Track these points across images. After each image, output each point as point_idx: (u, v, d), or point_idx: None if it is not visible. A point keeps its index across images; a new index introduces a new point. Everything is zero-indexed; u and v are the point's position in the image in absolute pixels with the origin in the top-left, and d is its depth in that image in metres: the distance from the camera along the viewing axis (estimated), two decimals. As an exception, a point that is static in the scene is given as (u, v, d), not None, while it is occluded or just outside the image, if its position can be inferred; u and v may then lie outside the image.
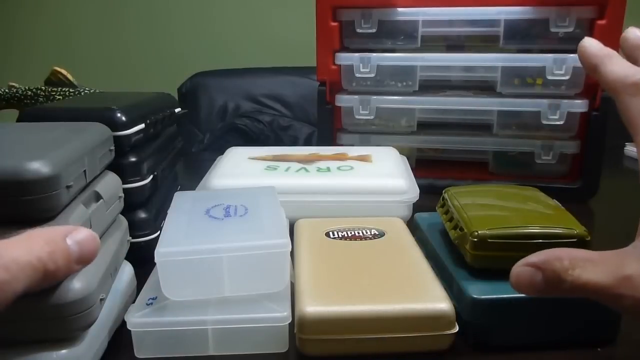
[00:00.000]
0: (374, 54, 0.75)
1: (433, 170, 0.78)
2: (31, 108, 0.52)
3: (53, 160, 0.32)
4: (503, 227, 0.42)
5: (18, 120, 0.50)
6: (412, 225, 0.56)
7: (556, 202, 0.49)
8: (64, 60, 1.64)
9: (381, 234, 0.50)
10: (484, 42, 0.77)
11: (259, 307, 0.39)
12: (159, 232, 0.53)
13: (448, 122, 0.79)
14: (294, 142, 1.43)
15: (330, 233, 0.50)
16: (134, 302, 0.41)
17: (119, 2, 1.79)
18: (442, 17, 0.74)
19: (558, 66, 0.70)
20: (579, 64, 0.68)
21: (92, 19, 1.81)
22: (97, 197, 0.40)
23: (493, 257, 0.42)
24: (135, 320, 0.38)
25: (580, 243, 0.42)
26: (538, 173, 0.76)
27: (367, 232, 0.50)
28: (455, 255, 0.46)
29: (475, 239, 0.42)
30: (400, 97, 0.77)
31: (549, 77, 0.71)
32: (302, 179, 0.61)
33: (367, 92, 0.77)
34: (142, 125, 0.52)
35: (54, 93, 0.73)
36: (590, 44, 0.31)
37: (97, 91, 0.73)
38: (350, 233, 0.50)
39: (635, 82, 0.27)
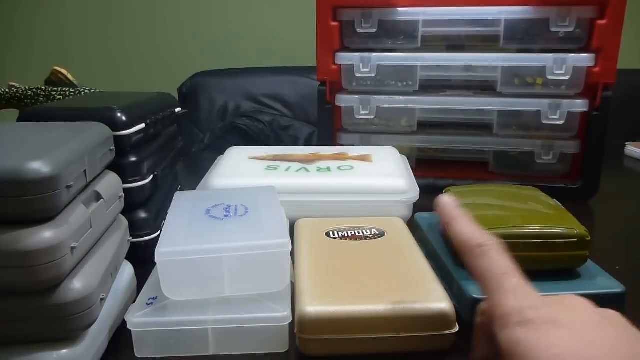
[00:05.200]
0: (374, 54, 0.75)
1: (433, 170, 0.78)
2: (31, 108, 0.52)
3: (53, 160, 0.32)
4: (503, 227, 0.42)
5: (18, 120, 0.50)
6: (412, 225, 0.56)
7: (556, 202, 0.49)
8: (64, 60, 1.64)
9: (381, 234, 0.50)
10: (484, 42, 0.77)
11: (259, 307, 0.39)
12: (159, 232, 0.53)
13: (448, 122, 0.79)
14: (294, 142, 1.43)
15: (330, 233, 0.50)
16: (134, 302, 0.41)
17: (119, 2, 1.79)
18: (442, 17, 0.74)
19: (558, 66, 0.70)
20: (579, 64, 0.69)
21: (92, 18, 1.81)
22: (98, 197, 0.40)
23: (493, 257, 0.42)
24: (136, 320, 0.38)
25: (580, 243, 0.42)
26: (538, 173, 0.76)
27: (367, 232, 0.50)
28: (455, 255, 0.46)
29: (476, 239, 0.42)
30: (401, 97, 0.77)
31: (549, 77, 0.71)
32: (302, 179, 0.61)
33: (367, 92, 0.77)
34: (142, 125, 0.52)
35: (54, 93, 0.73)
36: (445, 202, 0.34)
37: (97, 91, 0.73)
38: (350, 233, 0.50)
39: (478, 244, 0.30)
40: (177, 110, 0.64)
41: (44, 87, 0.74)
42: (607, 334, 0.26)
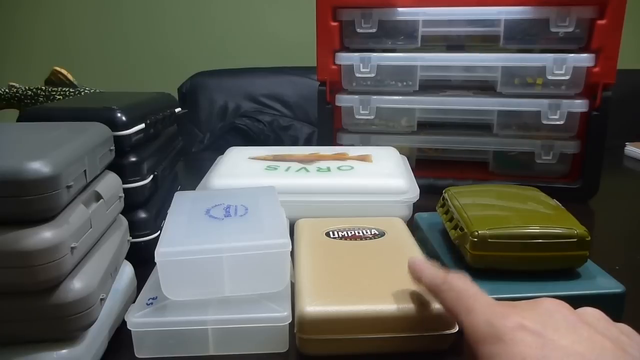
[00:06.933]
0: (374, 54, 0.75)
1: (433, 170, 0.78)
2: (31, 108, 0.52)
3: (53, 160, 0.32)
4: (503, 227, 0.42)
5: (18, 120, 0.50)
6: (412, 225, 0.56)
7: (556, 202, 0.49)
8: (64, 60, 1.64)
9: (381, 234, 0.50)
10: (484, 42, 0.77)
11: (259, 307, 0.39)
12: (159, 232, 0.53)
13: (448, 122, 0.79)
14: (294, 142, 1.43)
15: (330, 233, 0.50)
16: (134, 302, 0.41)
17: (119, 2, 1.79)
18: (442, 17, 0.74)
19: (558, 66, 0.70)
20: (579, 64, 0.69)
21: (92, 18, 1.81)
22: (97, 197, 0.40)
23: (493, 257, 0.42)
24: (136, 320, 0.38)
25: (580, 243, 0.42)
26: (538, 173, 0.76)
27: (367, 232, 0.50)
28: (455, 255, 0.46)
29: (476, 239, 0.42)
30: (401, 97, 0.77)
31: (549, 77, 0.71)
32: (302, 179, 0.61)
33: (367, 92, 0.77)
34: (142, 125, 0.52)
35: (54, 93, 0.73)
36: (413, 261, 0.38)
37: (97, 91, 0.73)
38: (350, 233, 0.50)
39: (444, 281, 0.33)
40: (177, 110, 0.64)
41: (44, 87, 0.74)
42: (581, 336, 0.26)
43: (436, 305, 0.38)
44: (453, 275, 0.33)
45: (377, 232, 0.50)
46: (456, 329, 0.38)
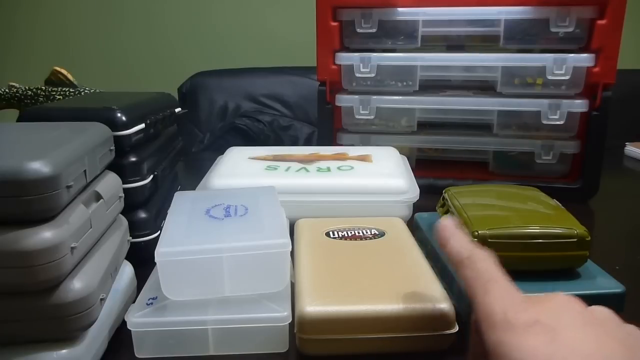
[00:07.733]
0: (374, 54, 0.75)
1: (433, 170, 0.78)
2: (31, 108, 0.52)
3: (53, 160, 0.32)
4: (503, 227, 0.42)
5: (18, 120, 0.50)
6: (412, 225, 0.56)
7: (556, 202, 0.49)
8: (64, 60, 1.64)
9: (381, 234, 0.50)
10: (484, 42, 0.77)
11: (259, 307, 0.39)
12: (159, 232, 0.53)
13: (448, 122, 0.79)
14: (294, 142, 1.43)
15: (330, 233, 0.50)
16: (134, 302, 0.41)
17: (119, 2, 1.79)
18: (442, 17, 0.74)
19: (558, 66, 0.70)
20: (579, 64, 0.69)
21: (92, 18, 1.81)
22: (97, 197, 0.40)
23: (493, 257, 0.42)
24: (136, 320, 0.38)
25: (580, 243, 0.42)
26: (538, 173, 0.76)
27: (367, 232, 0.50)
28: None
29: (476, 239, 0.42)
30: (401, 97, 0.77)
31: (549, 77, 0.71)
32: (302, 179, 0.61)
33: (367, 92, 0.77)
34: (142, 125, 0.52)
35: (54, 93, 0.73)
36: (444, 223, 0.36)
37: (97, 91, 0.73)
38: (350, 233, 0.50)
39: (468, 256, 0.32)
40: (177, 110, 0.64)
41: (44, 87, 0.74)
42: (591, 334, 0.26)
43: (436, 305, 0.38)
44: (479, 252, 0.33)
45: (377, 232, 0.50)
46: (456, 329, 0.38)
